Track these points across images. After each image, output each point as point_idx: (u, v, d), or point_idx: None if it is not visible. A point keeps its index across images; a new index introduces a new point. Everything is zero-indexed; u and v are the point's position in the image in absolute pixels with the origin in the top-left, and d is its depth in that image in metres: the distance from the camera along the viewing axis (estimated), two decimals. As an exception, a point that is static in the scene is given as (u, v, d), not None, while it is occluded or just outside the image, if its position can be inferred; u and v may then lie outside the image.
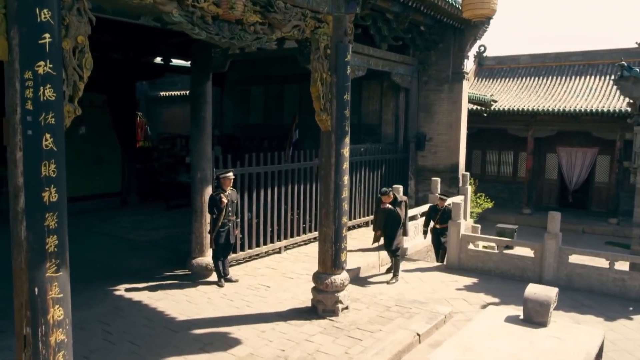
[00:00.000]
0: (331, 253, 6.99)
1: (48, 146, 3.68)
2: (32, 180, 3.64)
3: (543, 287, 5.40)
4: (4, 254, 4.83)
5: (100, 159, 14.47)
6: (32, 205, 3.66)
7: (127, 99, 14.93)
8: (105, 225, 12.44)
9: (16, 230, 3.70)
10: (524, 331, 4.99)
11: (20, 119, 3.60)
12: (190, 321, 6.80)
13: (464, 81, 13.87)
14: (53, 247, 3.76)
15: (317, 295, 7.07)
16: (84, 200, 14.04)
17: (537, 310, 5.13)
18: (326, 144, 6.91)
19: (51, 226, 3.73)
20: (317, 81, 6.56)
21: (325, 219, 7.00)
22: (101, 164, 14.53)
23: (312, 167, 10.70)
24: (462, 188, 13.93)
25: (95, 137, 13.28)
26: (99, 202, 14.42)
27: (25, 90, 3.56)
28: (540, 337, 4.87)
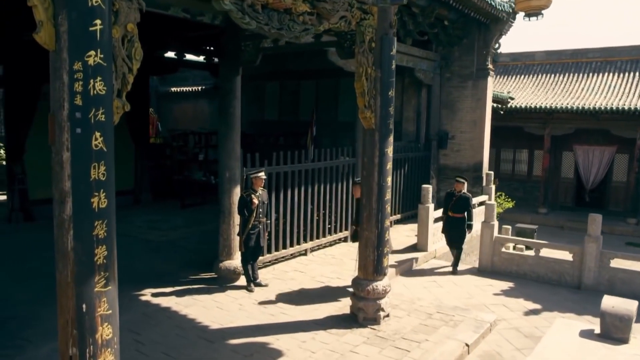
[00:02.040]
0: (373, 258, 6.61)
1: (98, 146, 3.29)
2: (81, 184, 3.25)
3: (622, 300, 5.01)
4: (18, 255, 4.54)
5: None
6: (80, 212, 3.27)
7: (140, 95, 14.46)
8: (120, 224, 11.80)
9: (62, 240, 3.31)
10: (605, 348, 4.60)
11: (68, 116, 3.20)
12: (224, 330, 6.41)
13: (489, 78, 13.46)
14: (102, 258, 3.37)
15: (358, 303, 6.69)
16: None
17: (616, 325, 4.74)
18: (369, 142, 6.51)
19: (100, 235, 3.35)
20: (361, 76, 6.16)
21: (367, 223, 6.61)
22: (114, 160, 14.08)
23: (338, 166, 10.32)
24: (486, 187, 13.53)
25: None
26: (112, 201, 14.00)
27: (74, 83, 3.17)
28: (625, 356, 4.48)
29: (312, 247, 9.99)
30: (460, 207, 9.54)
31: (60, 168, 3.25)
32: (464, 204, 9.52)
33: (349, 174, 10.70)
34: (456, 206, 9.59)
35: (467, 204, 9.52)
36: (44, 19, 3.12)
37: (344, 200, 10.57)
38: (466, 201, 9.50)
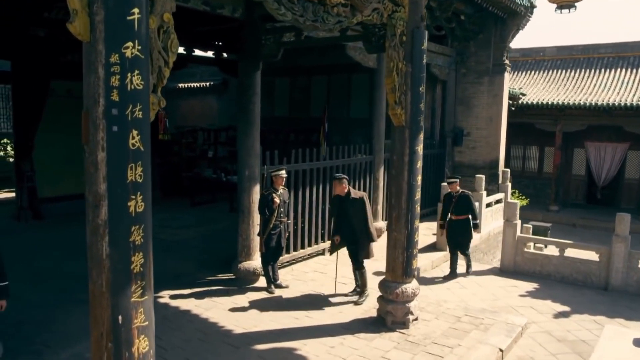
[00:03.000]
0: (402, 260, 6.36)
1: (135, 145, 3.04)
2: (117, 186, 3.01)
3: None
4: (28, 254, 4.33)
5: (122, 153, 13.80)
6: (116, 216, 3.02)
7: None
8: (131, 223, 11.78)
9: (96, 247, 3.07)
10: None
11: (104, 112, 2.95)
12: (248, 335, 6.18)
13: (505, 73, 13.18)
14: (138, 266, 3.13)
15: (386, 306, 6.45)
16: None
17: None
18: (399, 140, 6.27)
19: (137, 242, 3.10)
20: (392, 71, 5.91)
21: (396, 223, 6.36)
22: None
23: (356, 164, 10.09)
24: (502, 185, 13.28)
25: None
26: (121, 198, 13.77)
27: (110, 77, 2.92)
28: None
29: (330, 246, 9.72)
30: (463, 208, 8.83)
31: (95, 169, 3.00)
32: (466, 203, 8.80)
33: (366, 172, 10.46)
34: (458, 207, 8.88)
35: (469, 203, 8.81)
36: (78, 7, 2.87)
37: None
38: (468, 200, 8.79)
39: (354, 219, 7.00)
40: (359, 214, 6.96)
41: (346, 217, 7.05)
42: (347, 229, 7.09)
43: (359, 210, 6.96)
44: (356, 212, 6.96)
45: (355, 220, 6.99)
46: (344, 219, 7.09)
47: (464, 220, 8.77)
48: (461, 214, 8.80)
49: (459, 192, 8.86)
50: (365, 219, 6.94)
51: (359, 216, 6.98)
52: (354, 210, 6.98)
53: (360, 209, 6.96)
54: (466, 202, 8.69)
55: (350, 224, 7.04)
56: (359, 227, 6.98)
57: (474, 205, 8.90)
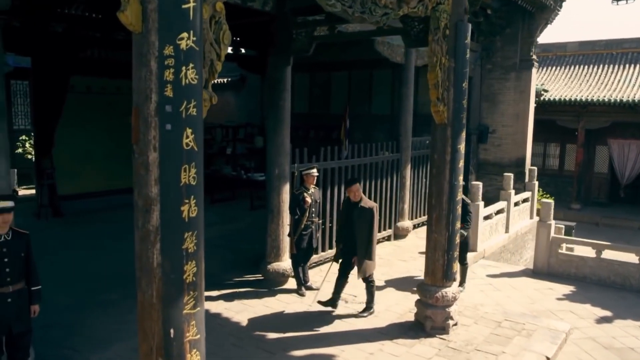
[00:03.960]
0: (442, 263, 6.10)
1: (189, 145, 2.80)
2: (170, 190, 2.77)
3: None
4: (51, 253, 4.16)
5: (141, 150, 13.64)
6: (168, 222, 2.79)
7: (168, 87, 14.04)
8: (151, 221, 11.60)
9: (146, 255, 2.84)
10: None
11: (157, 109, 2.72)
12: (283, 340, 5.95)
13: (532, 69, 12.83)
14: (191, 276, 2.90)
15: (425, 310, 6.19)
16: (123, 193, 13.25)
17: None
18: (440, 138, 6.00)
19: (190, 249, 2.87)
20: (435, 67, 5.64)
21: (436, 224, 6.10)
22: (142, 156, 13.69)
23: (384, 162, 9.83)
24: (529, 184, 12.96)
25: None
26: (139, 196, 13.61)
27: (164, 70, 2.68)
28: None
29: (357, 247, 9.48)
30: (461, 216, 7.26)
31: (146, 171, 2.77)
32: (462, 212, 7.05)
33: (392, 170, 10.20)
34: None
35: (465, 211, 7.34)
36: (130, -5, 2.64)
37: (388, 198, 10.07)
38: (465, 209, 7.36)
39: (358, 229, 6.35)
40: (365, 224, 6.32)
41: (351, 225, 6.43)
42: (349, 238, 6.48)
43: (366, 220, 6.31)
44: (362, 222, 6.32)
45: (359, 231, 6.34)
46: (349, 226, 6.48)
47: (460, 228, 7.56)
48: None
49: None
50: (370, 232, 6.32)
51: (365, 227, 6.33)
52: (361, 220, 6.33)
53: (368, 220, 6.32)
54: (464, 211, 7.21)
55: (353, 232, 6.41)
56: (361, 238, 6.33)
57: (469, 215, 7.80)
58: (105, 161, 12.69)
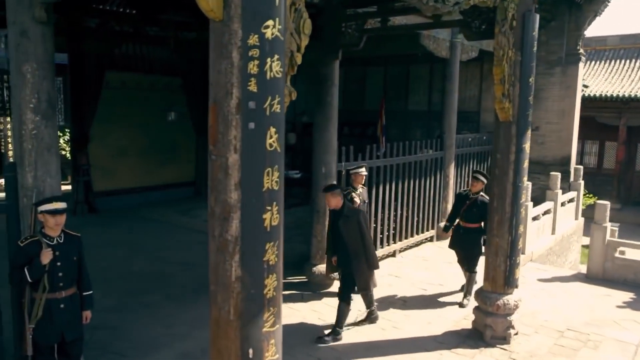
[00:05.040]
0: (504, 268, 5.75)
1: (272, 145, 2.52)
2: (252, 195, 2.49)
3: None
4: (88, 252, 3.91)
5: (174, 146, 13.51)
6: (249, 231, 2.51)
7: (202, 82, 13.85)
8: (186, 218, 11.46)
9: (223, 268, 2.56)
10: None
11: (238, 106, 2.43)
12: (335, 348, 5.68)
13: (580, 63, 12.30)
14: (272, 291, 2.62)
15: (484, 318, 5.85)
16: (157, 190, 13.19)
17: None
18: (504, 137, 5.64)
19: (271, 261, 2.59)
20: (502, 60, 5.29)
21: (498, 228, 5.74)
22: (175, 152, 13.57)
23: (428, 160, 9.48)
24: (574, 183, 12.45)
25: (172, 122, 12.26)
26: (173, 192, 13.51)
27: (248, 62, 2.39)
28: None
29: (401, 247, 9.19)
30: (475, 215, 6.88)
31: (225, 175, 2.49)
32: (481, 211, 6.72)
33: (436, 169, 9.84)
34: (470, 213, 6.95)
35: (485, 212, 6.48)
36: (211, -22, 2.35)
37: (430, 197, 9.72)
38: (484, 208, 6.55)
39: (347, 238, 5.75)
40: (352, 232, 5.73)
41: (340, 236, 5.80)
42: (341, 250, 5.87)
43: (352, 227, 5.72)
44: (349, 229, 5.73)
45: (349, 240, 5.75)
46: (338, 237, 5.85)
47: (474, 230, 6.91)
48: (472, 222, 6.93)
49: (477, 195, 6.95)
50: (362, 238, 5.73)
51: (353, 235, 5.73)
52: (347, 228, 5.74)
53: (353, 227, 5.72)
54: (482, 210, 6.65)
55: (344, 243, 5.78)
56: (353, 248, 5.74)
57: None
58: (139, 157, 12.58)
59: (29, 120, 4.17)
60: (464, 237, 7.04)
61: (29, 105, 4.15)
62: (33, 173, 4.23)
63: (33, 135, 4.20)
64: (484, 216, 6.56)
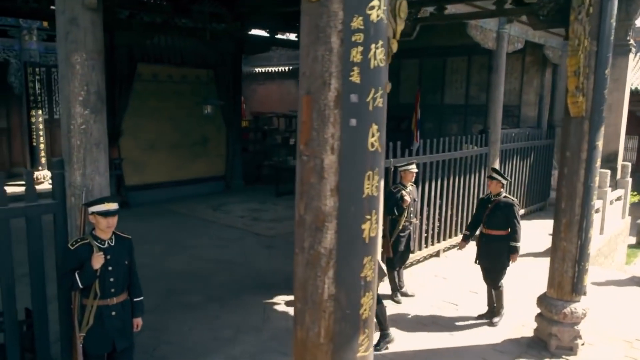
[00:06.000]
0: (572, 274, 5.36)
1: (374, 145, 2.20)
2: (351, 203, 2.17)
3: None
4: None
5: (205, 139, 13.29)
6: (347, 243, 2.19)
7: (233, 75, 13.61)
8: (219, 214, 11.23)
9: (314, 285, 2.25)
10: None
11: (337, 99, 2.10)
12: (388, 357, 5.34)
13: (629, 55, 11.73)
14: (367, 311, 2.30)
15: (549, 327, 5.47)
16: (187, 184, 12.99)
17: None
18: (575, 133, 5.23)
19: (368, 278, 2.27)
20: (577, 51, 4.87)
21: (565, 231, 5.35)
22: (206, 145, 13.34)
23: (473, 157, 9.09)
24: (622, 181, 11.93)
25: (202, 115, 12.01)
26: (203, 186, 13.31)
27: (351, 49, 2.06)
28: None
29: (444, 247, 8.82)
30: (500, 220, 5.97)
31: (319, 178, 2.17)
32: (506, 214, 5.94)
33: (480, 165, 9.42)
34: (493, 218, 6.03)
35: (510, 214, 5.90)
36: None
37: (473, 195, 9.31)
38: (509, 210, 5.91)
39: None
40: None
41: None
42: None
43: None
44: None
45: None
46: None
47: (498, 237, 5.97)
48: (496, 228, 5.99)
49: (499, 197, 6.07)
50: None
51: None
52: None
53: None
54: (506, 213, 5.93)
55: None
56: None
57: (517, 218, 5.97)
58: (170, 151, 12.38)
59: (78, 114, 3.90)
60: (485, 247, 6.10)
61: (77, 99, 3.88)
62: (81, 170, 3.96)
63: (82, 131, 3.93)
64: (509, 221, 5.90)
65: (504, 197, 6.07)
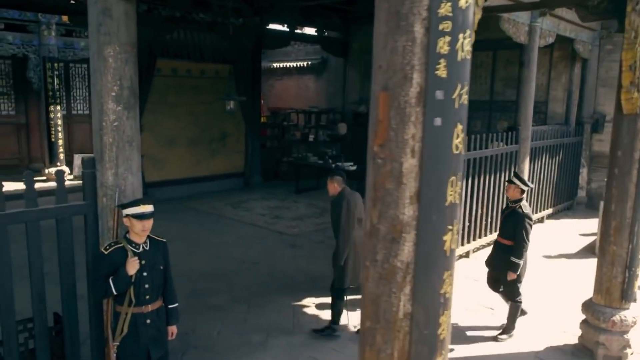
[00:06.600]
0: (622, 280, 5.09)
1: (458, 148, 1.95)
2: (432, 211, 1.93)
3: None
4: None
5: (224, 135, 13.11)
6: (426, 257, 1.96)
7: (253, 70, 13.40)
8: (239, 211, 11.04)
9: (387, 302, 2.02)
10: None
11: (419, 95, 1.86)
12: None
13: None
14: (445, 330, 2.06)
15: (595, 335, 5.21)
16: (207, 181, 12.84)
17: None
18: (627, 131, 4.96)
19: (447, 294, 2.03)
20: (634, 44, 4.63)
21: (615, 235, 5.08)
22: (225, 141, 13.17)
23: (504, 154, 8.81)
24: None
25: (221, 111, 11.82)
26: (222, 183, 13.15)
27: (438, 39, 1.82)
28: None
29: (474, 248, 8.57)
30: (510, 229, 5.52)
31: (396, 184, 1.94)
32: (514, 223, 5.48)
33: (509, 163, 9.14)
34: (506, 225, 5.65)
35: (518, 226, 5.41)
36: None
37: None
38: (518, 221, 5.42)
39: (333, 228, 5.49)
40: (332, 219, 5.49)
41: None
42: None
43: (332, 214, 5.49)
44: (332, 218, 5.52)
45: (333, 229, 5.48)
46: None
47: (508, 247, 5.55)
48: (507, 238, 5.59)
49: (517, 204, 5.56)
50: (336, 228, 5.38)
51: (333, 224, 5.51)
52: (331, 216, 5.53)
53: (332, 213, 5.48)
54: (516, 223, 5.45)
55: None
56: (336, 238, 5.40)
57: (524, 228, 5.41)
58: (189, 147, 12.22)
59: (110, 110, 3.70)
60: (496, 254, 5.80)
61: (110, 94, 3.68)
62: (114, 170, 3.77)
63: (114, 128, 3.73)
64: (516, 232, 5.40)
65: (519, 206, 5.51)
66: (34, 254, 3.62)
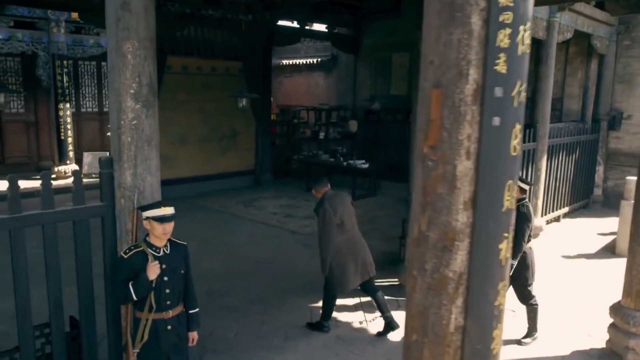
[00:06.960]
0: (653, 284, 4.91)
1: (516, 149, 1.80)
2: (489, 218, 1.78)
3: None
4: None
5: (234, 133, 12.99)
6: (480, 266, 1.81)
7: (263, 67, 13.27)
8: (251, 210, 10.92)
9: (437, 314, 1.88)
10: None
11: (475, 92, 1.71)
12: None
13: (682, 43, 11.13)
14: (498, 345, 1.91)
15: (625, 340, 5.05)
16: (218, 179, 12.73)
17: None
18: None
19: (501, 306, 1.88)
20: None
21: (646, 236, 4.90)
22: (235, 139, 13.05)
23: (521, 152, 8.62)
24: (671, 177, 11.30)
25: (231, 109, 11.69)
26: (232, 181, 13.04)
27: (498, 32, 1.67)
28: None
29: (492, 248, 8.38)
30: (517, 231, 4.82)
31: (449, 188, 1.80)
32: (524, 223, 5.16)
33: (527, 161, 8.98)
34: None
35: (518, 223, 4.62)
36: None
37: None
38: (519, 218, 4.81)
39: None
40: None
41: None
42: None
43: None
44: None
45: None
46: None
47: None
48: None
49: (520, 202, 5.18)
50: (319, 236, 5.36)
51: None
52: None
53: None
54: (523, 220, 5.12)
55: None
56: None
57: (523, 228, 5.12)
58: (200, 145, 12.12)
59: (129, 108, 3.57)
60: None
61: (129, 91, 3.55)
62: (132, 170, 3.64)
63: (133, 126, 3.61)
64: (517, 231, 4.78)
65: (519, 205, 5.13)
66: (50, 257, 3.50)
